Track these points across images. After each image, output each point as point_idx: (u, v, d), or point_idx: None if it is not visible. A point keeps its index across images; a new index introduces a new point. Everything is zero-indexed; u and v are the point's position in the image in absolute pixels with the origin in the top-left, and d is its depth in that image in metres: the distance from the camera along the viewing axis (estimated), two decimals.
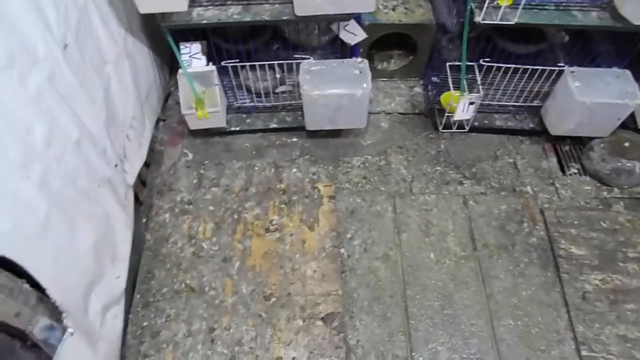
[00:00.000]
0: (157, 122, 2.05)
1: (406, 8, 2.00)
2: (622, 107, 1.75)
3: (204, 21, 1.57)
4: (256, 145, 2.03)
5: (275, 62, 1.81)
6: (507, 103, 2.03)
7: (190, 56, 1.75)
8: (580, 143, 2.04)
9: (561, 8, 1.63)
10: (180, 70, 1.74)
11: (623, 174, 1.88)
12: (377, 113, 2.12)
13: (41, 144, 1.16)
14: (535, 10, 1.61)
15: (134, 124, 1.74)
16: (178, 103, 1.93)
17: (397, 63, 2.24)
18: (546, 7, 1.62)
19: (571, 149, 2.06)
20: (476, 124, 2.02)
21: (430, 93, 2.10)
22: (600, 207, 1.88)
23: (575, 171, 1.99)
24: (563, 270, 1.70)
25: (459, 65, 1.79)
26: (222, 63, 1.80)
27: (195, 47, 1.74)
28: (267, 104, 2.02)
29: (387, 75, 2.22)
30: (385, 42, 2.09)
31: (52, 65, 1.21)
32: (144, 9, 1.44)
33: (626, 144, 1.93)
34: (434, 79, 2.04)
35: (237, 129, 2.02)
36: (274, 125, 2.01)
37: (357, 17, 1.65)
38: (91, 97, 1.42)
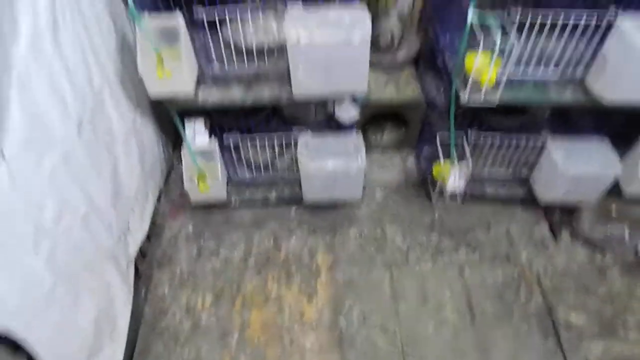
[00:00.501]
0: (159, 195, 2.12)
1: (397, 87, 2.14)
2: (605, 177, 1.83)
3: (209, 102, 1.68)
4: (255, 216, 2.09)
5: (275, 135, 1.91)
6: (497, 172, 2.12)
7: (193, 132, 1.86)
8: (570, 210, 2.11)
9: (539, 85, 1.75)
10: (183, 146, 1.83)
11: (613, 240, 1.93)
12: (372, 184, 2.20)
13: (51, 221, 1.21)
14: (515, 88, 1.74)
15: (138, 198, 1.81)
16: (180, 176, 2.01)
17: (390, 136, 2.36)
18: (526, 86, 1.74)
19: (562, 215, 2.12)
20: (468, 193, 2.10)
21: (422, 164, 2.19)
22: (595, 274, 1.91)
23: (568, 238, 2.03)
24: (564, 339, 1.69)
25: (449, 137, 1.90)
26: (224, 137, 1.91)
27: (199, 123, 1.85)
28: (266, 177, 2.10)
29: (380, 147, 2.33)
30: (378, 115, 2.22)
31: (67, 145, 1.29)
32: (154, 94, 1.55)
33: (614, 211, 2.00)
34: (426, 151, 2.15)
35: (237, 202, 2.08)
36: (274, 198, 2.08)
37: (353, 97, 1.78)
38: (100, 174, 1.49)
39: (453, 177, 1.87)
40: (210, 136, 1.86)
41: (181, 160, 1.88)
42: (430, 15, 2.18)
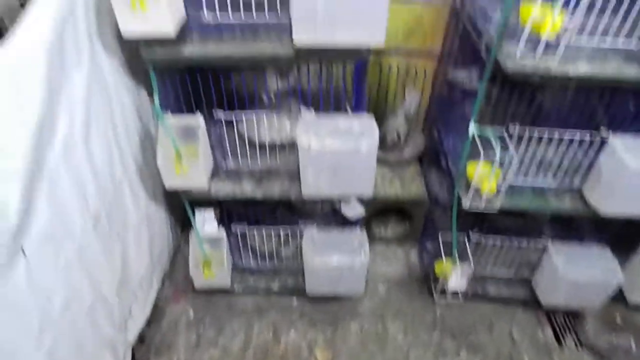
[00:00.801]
0: (164, 278, 2.14)
1: (402, 183, 2.23)
2: (606, 284, 1.85)
3: (221, 195, 1.76)
4: (257, 305, 2.09)
5: (281, 227, 1.96)
6: (500, 272, 2.14)
7: (203, 220, 1.92)
8: (574, 314, 2.09)
9: (538, 193, 1.82)
10: (192, 233, 1.89)
11: (619, 350, 1.90)
12: (375, 278, 2.21)
13: (58, 311, 1.23)
14: (516, 195, 1.80)
15: (142, 284, 1.83)
16: (186, 258, 2.04)
17: (394, 229, 2.41)
18: (525, 193, 1.81)
19: (566, 320, 2.10)
20: (470, 291, 2.10)
21: (425, 260, 2.22)
22: None
23: (572, 343, 2.00)
24: None
25: (451, 236, 1.94)
26: (232, 227, 1.96)
27: (209, 213, 1.91)
28: (271, 266, 2.12)
29: (384, 240, 2.37)
30: (383, 209, 2.28)
31: (83, 238, 1.35)
32: (170, 187, 1.63)
33: (618, 319, 1.98)
34: (429, 246, 2.18)
35: (240, 289, 2.10)
36: (276, 288, 2.09)
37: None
38: (110, 264, 1.53)
39: (455, 276, 1.89)
40: (219, 225, 1.92)
41: (188, 242, 1.92)
42: (435, 116, 2.32)
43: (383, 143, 2.26)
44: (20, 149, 1.02)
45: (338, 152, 1.48)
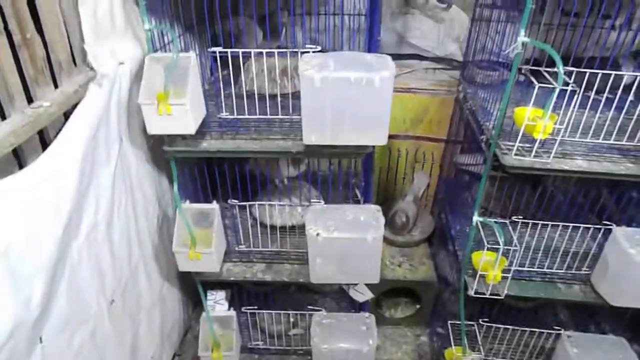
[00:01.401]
0: (173, 357, 2.14)
1: (411, 265, 2.26)
2: None
3: (232, 278, 1.81)
4: None
5: (290, 312, 1.99)
6: None
7: (215, 302, 1.96)
8: None
9: (547, 280, 1.82)
10: (203, 315, 1.92)
11: None
12: None
13: None
14: (523, 281, 1.81)
15: None
16: (196, 338, 2.05)
17: (404, 311, 2.40)
18: (533, 279, 1.82)
19: None
20: None
21: (435, 344, 2.19)
22: None
23: None
24: None
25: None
26: (242, 309, 1.99)
27: (220, 294, 1.96)
28: (280, 347, 2.12)
29: (394, 322, 2.36)
30: (394, 290, 2.29)
31: (97, 321, 1.40)
32: (183, 268, 1.70)
33: None
34: (439, 330, 2.16)
35: None
36: None
37: None
38: (121, 345, 1.57)
39: None
40: (229, 307, 1.95)
41: (199, 321, 1.95)
42: (442, 199, 2.39)
43: (392, 225, 2.32)
44: (48, 247, 1.10)
45: (345, 242, 1.54)
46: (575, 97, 1.44)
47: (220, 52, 1.47)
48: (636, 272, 1.53)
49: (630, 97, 1.47)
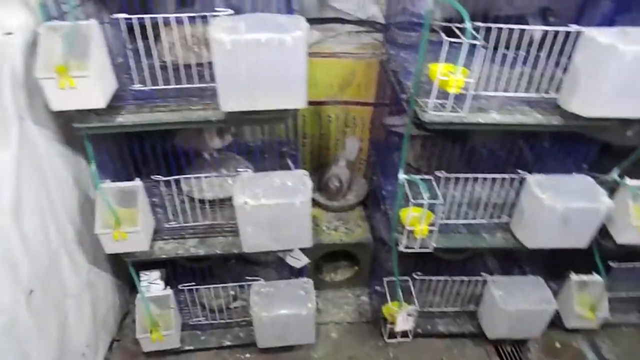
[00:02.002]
0: (112, 343, 2.08)
1: (347, 228, 2.30)
2: (542, 312, 1.94)
3: (164, 255, 1.76)
4: None
5: (229, 284, 1.97)
6: (447, 309, 2.21)
7: (149, 282, 1.90)
8: (520, 343, 2.17)
9: (472, 231, 1.92)
10: (138, 296, 1.87)
11: None
12: (327, 323, 2.23)
13: None
14: (451, 234, 1.89)
15: (86, 352, 1.78)
16: (135, 322, 2.00)
17: (343, 274, 2.46)
18: (460, 231, 1.91)
19: (512, 349, 2.17)
20: (420, 330, 2.15)
21: (374, 303, 2.27)
22: None
23: None
24: None
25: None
26: (179, 286, 1.96)
27: (155, 274, 1.90)
28: (222, 320, 2.11)
29: (335, 286, 2.41)
30: (332, 254, 2.33)
31: (13, 314, 1.32)
32: (109, 250, 1.63)
33: (557, 345, 2.07)
34: (378, 289, 2.23)
35: (191, 347, 2.06)
36: (228, 342, 2.07)
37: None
38: (47, 336, 1.49)
39: (401, 317, 1.94)
40: (166, 286, 1.91)
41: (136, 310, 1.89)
42: (373, 161, 2.43)
43: (326, 190, 2.35)
44: None
45: (273, 208, 1.53)
46: (486, 52, 1.49)
47: (126, 20, 1.37)
48: (546, 215, 1.64)
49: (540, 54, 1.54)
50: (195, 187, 1.82)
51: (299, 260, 1.90)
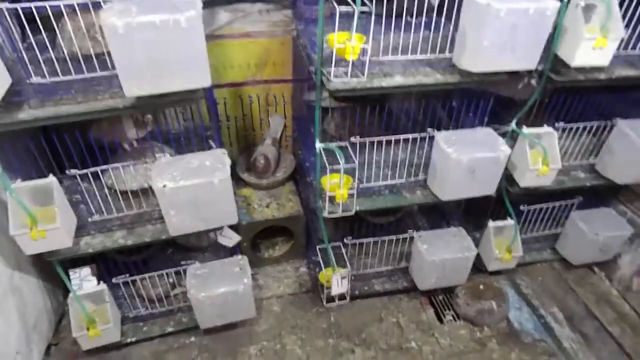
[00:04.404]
0: (49, 348, 2.04)
1: (278, 203, 2.35)
2: (464, 259, 2.11)
3: (91, 250, 1.74)
4: (154, 352, 2.06)
5: (164, 271, 1.98)
6: (381, 269, 2.33)
7: (80, 280, 1.87)
8: (449, 291, 2.34)
9: (394, 191, 2.03)
10: (70, 294, 1.84)
11: (485, 314, 2.16)
12: (269, 298, 2.30)
13: None
14: (374, 196, 2.00)
15: (18, 358, 1.74)
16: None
17: (281, 248, 2.52)
18: (382, 193, 2.01)
19: (444, 298, 2.34)
20: (357, 292, 2.27)
21: (312, 272, 2.35)
22: (477, 347, 2.10)
23: (451, 318, 2.24)
24: None
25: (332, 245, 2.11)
26: (113, 280, 1.94)
27: (85, 270, 1.88)
28: (163, 309, 2.12)
29: (274, 261, 2.47)
30: (269, 230, 2.38)
31: None
32: (29, 251, 1.59)
33: (481, 287, 2.25)
34: (314, 258, 2.32)
35: (134, 339, 2.06)
36: (171, 329, 2.09)
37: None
38: None
39: (335, 281, 2.03)
40: (99, 281, 1.89)
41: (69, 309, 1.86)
42: (297, 136, 2.49)
43: (255, 169, 2.39)
44: None
45: (193, 189, 1.55)
46: (383, 19, 1.57)
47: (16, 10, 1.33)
48: (454, 168, 1.77)
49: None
50: (118, 178, 1.80)
51: (231, 239, 1.94)
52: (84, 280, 1.88)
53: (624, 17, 1.64)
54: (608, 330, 2.18)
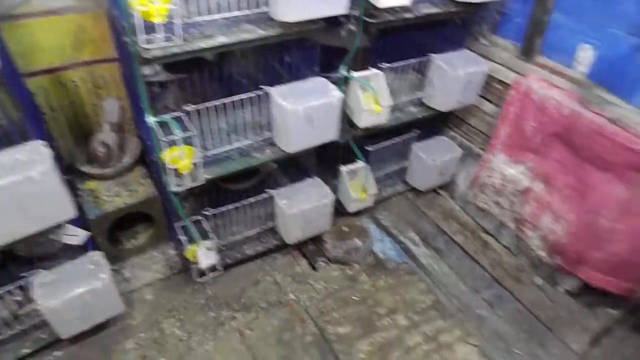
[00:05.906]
0: None
1: (129, 190, 2.21)
2: (323, 206, 2.21)
3: None
4: None
5: (4, 289, 1.76)
6: (249, 233, 2.35)
7: None
8: (317, 240, 2.45)
9: (244, 154, 2.03)
10: None
11: (352, 252, 2.32)
12: (139, 289, 2.19)
13: None
14: (225, 162, 1.97)
15: None
16: None
17: (144, 235, 2.40)
18: (232, 157, 2.00)
19: (313, 247, 2.45)
20: (230, 260, 2.27)
21: (179, 252, 2.28)
22: (349, 284, 2.25)
23: (323, 264, 2.36)
24: (338, 351, 1.94)
25: (193, 220, 2.05)
26: None
27: None
28: (14, 332, 1.90)
29: (139, 250, 2.35)
30: (127, 220, 2.24)
31: None
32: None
33: (345, 229, 2.41)
34: (179, 237, 2.24)
35: None
36: (27, 350, 1.88)
37: (75, 220, 1.77)
38: None
39: (202, 254, 2.00)
40: None
41: None
42: (136, 118, 2.35)
43: (95, 159, 2.20)
44: None
45: (10, 189, 1.38)
46: None
47: None
48: (292, 119, 1.82)
49: None
50: None
51: (77, 236, 1.79)
52: None
53: None
54: (454, 240, 2.49)
